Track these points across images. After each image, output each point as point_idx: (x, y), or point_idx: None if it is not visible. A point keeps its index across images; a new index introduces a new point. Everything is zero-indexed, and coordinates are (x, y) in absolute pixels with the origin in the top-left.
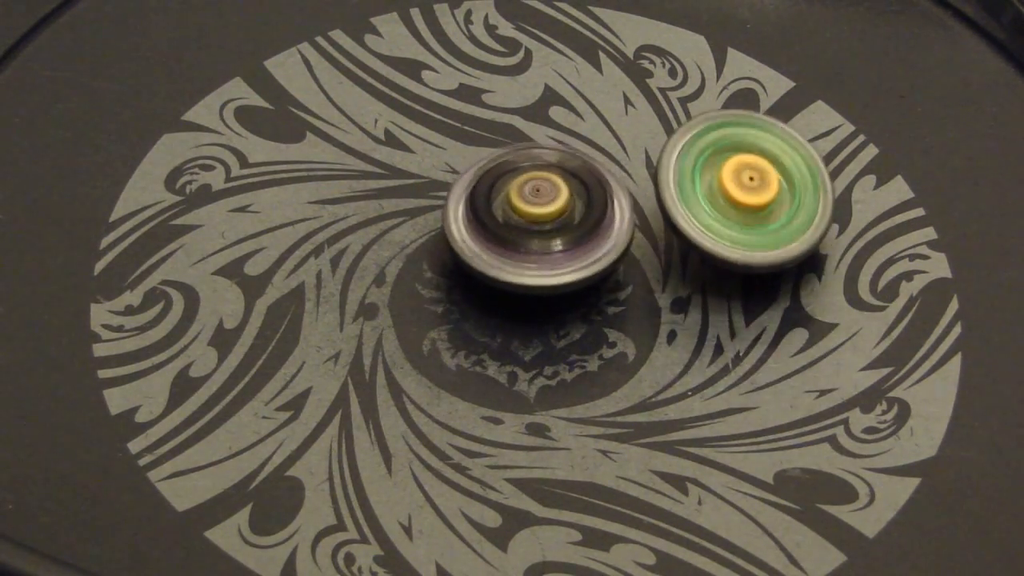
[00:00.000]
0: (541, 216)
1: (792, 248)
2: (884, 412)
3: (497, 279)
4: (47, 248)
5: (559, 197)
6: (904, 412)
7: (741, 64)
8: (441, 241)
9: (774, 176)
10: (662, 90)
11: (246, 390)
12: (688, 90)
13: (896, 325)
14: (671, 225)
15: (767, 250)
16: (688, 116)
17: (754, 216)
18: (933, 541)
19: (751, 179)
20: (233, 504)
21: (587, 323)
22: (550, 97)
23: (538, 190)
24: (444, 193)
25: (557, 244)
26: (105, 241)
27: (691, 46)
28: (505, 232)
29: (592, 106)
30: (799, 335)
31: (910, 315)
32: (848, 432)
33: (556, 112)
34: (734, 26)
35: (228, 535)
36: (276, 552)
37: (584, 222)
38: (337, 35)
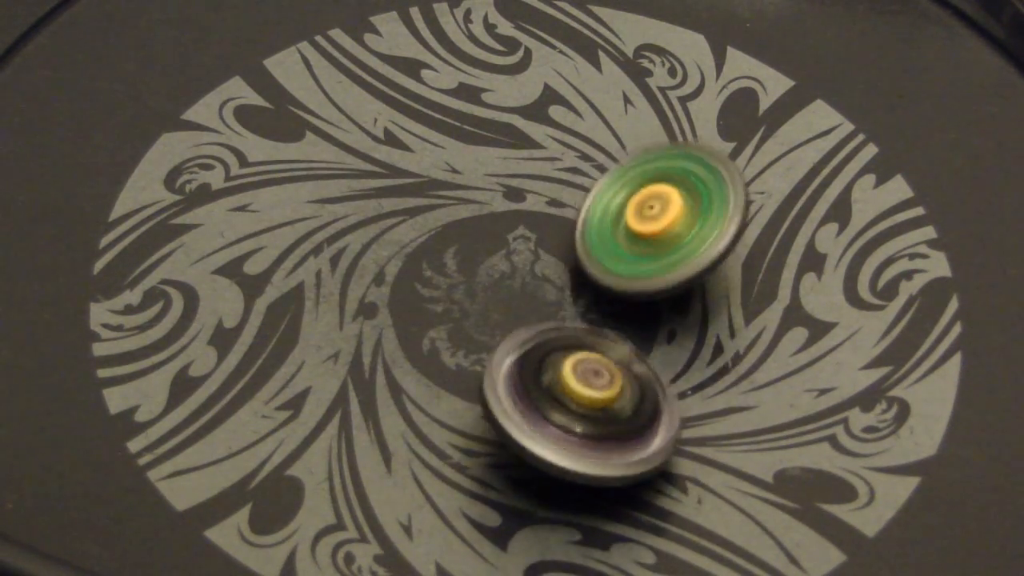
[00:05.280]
0: (592, 400)
1: (693, 264)
2: (884, 411)
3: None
4: (46, 247)
5: (614, 384)
6: (904, 411)
7: (741, 63)
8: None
9: (676, 201)
10: (662, 89)
11: (245, 389)
12: (688, 89)
13: (896, 324)
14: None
15: (667, 273)
16: (688, 115)
17: (663, 243)
18: (933, 541)
19: (651, 208)
20: (233, 503)
21: (587, 322)
22: (550, 96)
23: (595, 373)
24: (443, 192)
25: (595, 432)
26: (104, 240)
27: (691, 45)
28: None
29: (592, 105)
30: (799, 334)
31: (910, 314)
32: (848, 431)
33: (556, 111)
34: (734, 25)
35: (228, 534)
36: (276, 551)
37: (631, 420)
38: (336, 34)
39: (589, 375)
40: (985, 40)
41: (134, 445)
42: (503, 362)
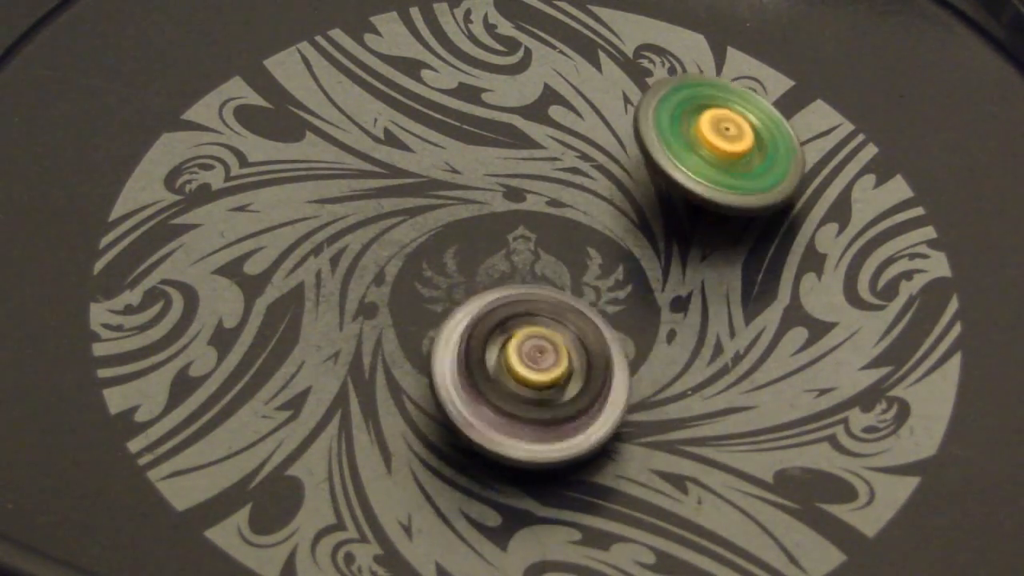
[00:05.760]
0: (535, 382)
1: (773, 194)
2: (884, 411)
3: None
4: (46, 248)
5: (559, 363)
6: (904, 411)
7: (741, 63)
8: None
9: (748, 128)
10: None
11: (245, 389)
12: None
13: (896, 324)
14: (659, 172)
15: (752, 194)
16: None
17: (733, 165)
18: (933, 541)
19: (727, 129)
20: (233, 503)
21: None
22: (549, 96)
23: (540, 352)
24: (443, 192)
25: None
26: (104, 240)
27: (691, 45)
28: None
29: (592, 105)
30: (798, 334)
31: (910, 314)
32: (848, 431)
33: (555, 111)
34: (734, 25)
35: (228, 534)
36: (276, 551)
37: (577, 399)
38: (336, 34)
39: (534, 354)
40: (985, 40)
41: (134, 445)
42: (452, 335)
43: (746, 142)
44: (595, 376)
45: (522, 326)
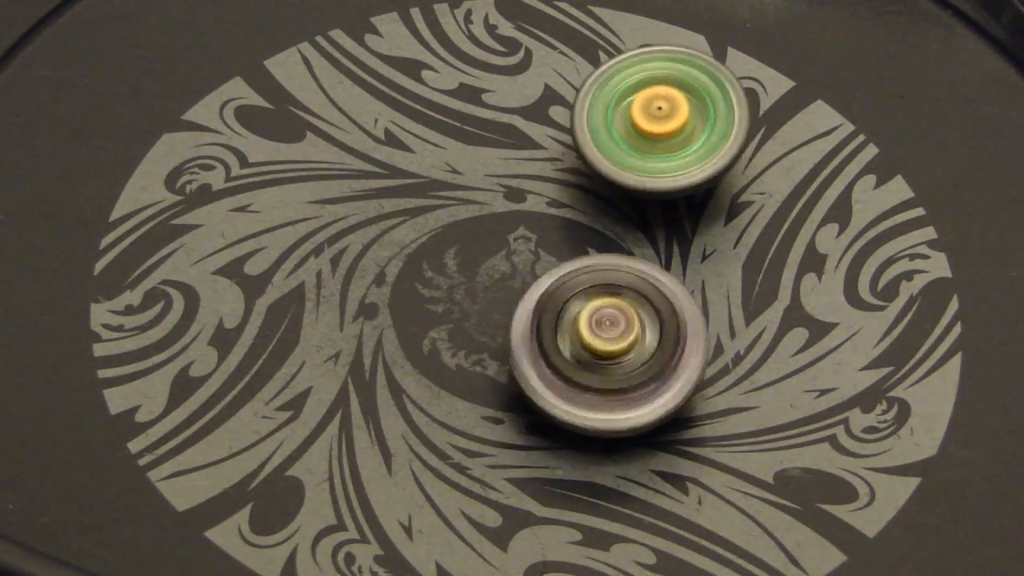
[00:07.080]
0: (610, 352)
1: (701, 170)
2: (884, 412)
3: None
4: (47, 248)
5: (631, 329)
6: (904, 412)
7: (741, 63)
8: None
9: (684, 104)
10: None
11: (246, 390)
12: None
13: (896, 325)
14: (587, 163)
15: (675, 174)
16: None
17: (668, 144)
18: (933, 541)
19: (659, 108)
20: (233, 504)
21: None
22: (550, 97)
23: (608, 322)
24: (444, 193)
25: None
26: (105, 241)
27: (690, 45)
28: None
29: None
30: (799, 335)
31: (910, 315)
32: (848, 432)
33: (556, 112)
34: (734, 25)
35: (228, 535)
36: (276, 552)
37: (655, 358)
38: (337, 35)
39: (604, 325)
40: (985, 40)
41: (134, 445)
42: (526, 313)
43: (679, 119)
44: (668, 338)
45: (591, 299)
